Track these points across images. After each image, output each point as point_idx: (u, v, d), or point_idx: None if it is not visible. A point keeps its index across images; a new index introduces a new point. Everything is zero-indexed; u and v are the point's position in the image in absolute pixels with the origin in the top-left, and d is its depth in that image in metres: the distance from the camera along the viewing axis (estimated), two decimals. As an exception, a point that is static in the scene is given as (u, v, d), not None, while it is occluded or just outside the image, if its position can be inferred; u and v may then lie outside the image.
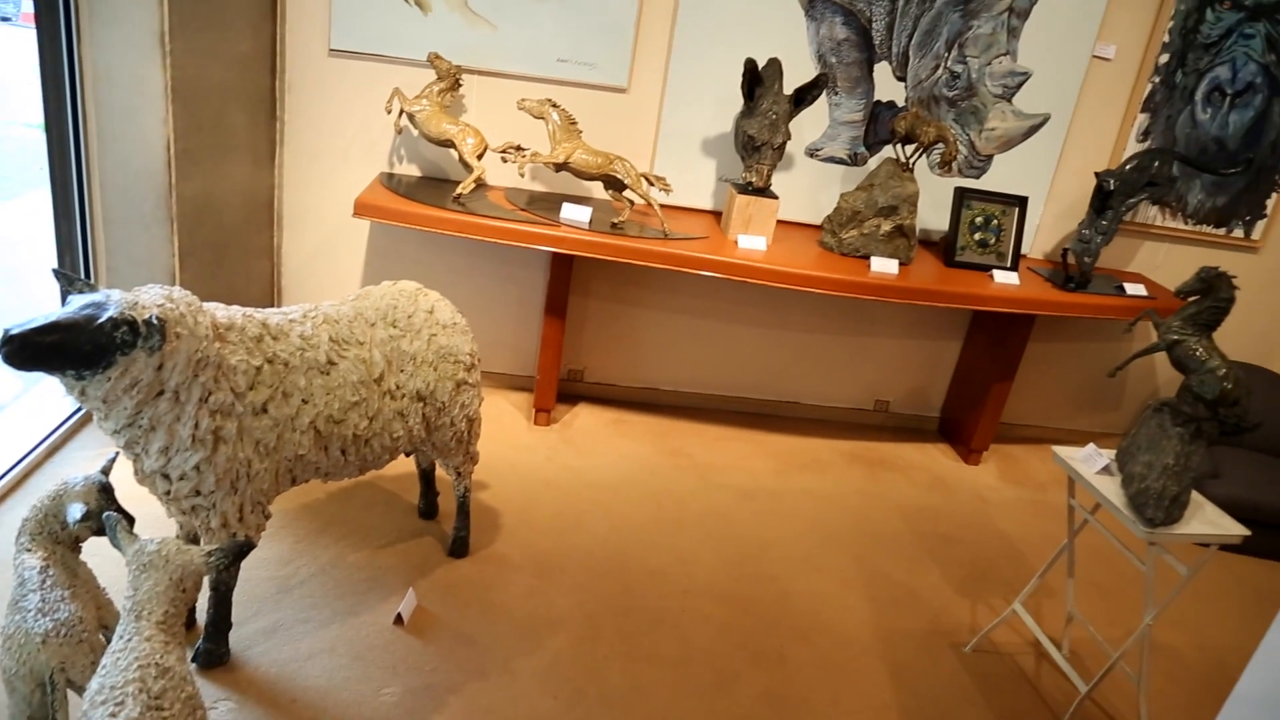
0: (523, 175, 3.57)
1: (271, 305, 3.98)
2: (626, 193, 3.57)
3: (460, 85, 3.63)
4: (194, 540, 2.48)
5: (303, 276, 4.02)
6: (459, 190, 3.54)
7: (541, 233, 3.46)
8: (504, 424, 3.97)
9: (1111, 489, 2.61)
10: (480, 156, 3.57)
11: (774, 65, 3.55)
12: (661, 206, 3.67)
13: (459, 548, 3.06)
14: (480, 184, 3.66)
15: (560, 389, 4.19)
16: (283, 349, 2.34)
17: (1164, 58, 4.08)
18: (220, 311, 2.27)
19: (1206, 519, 2.57)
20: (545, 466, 3.71)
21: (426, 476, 3.21)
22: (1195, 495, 2.64)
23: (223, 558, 1.88)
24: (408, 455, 2.90)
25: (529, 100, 3.52)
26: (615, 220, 3.56)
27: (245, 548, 1.98)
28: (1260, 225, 4.51)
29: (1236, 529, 2.55)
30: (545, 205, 3.70)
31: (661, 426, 4.20)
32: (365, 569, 2.95)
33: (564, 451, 3.85)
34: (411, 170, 3.88)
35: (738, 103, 3.66)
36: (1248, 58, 4.12)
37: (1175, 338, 2.51)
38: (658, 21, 3.74)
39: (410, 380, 2.59)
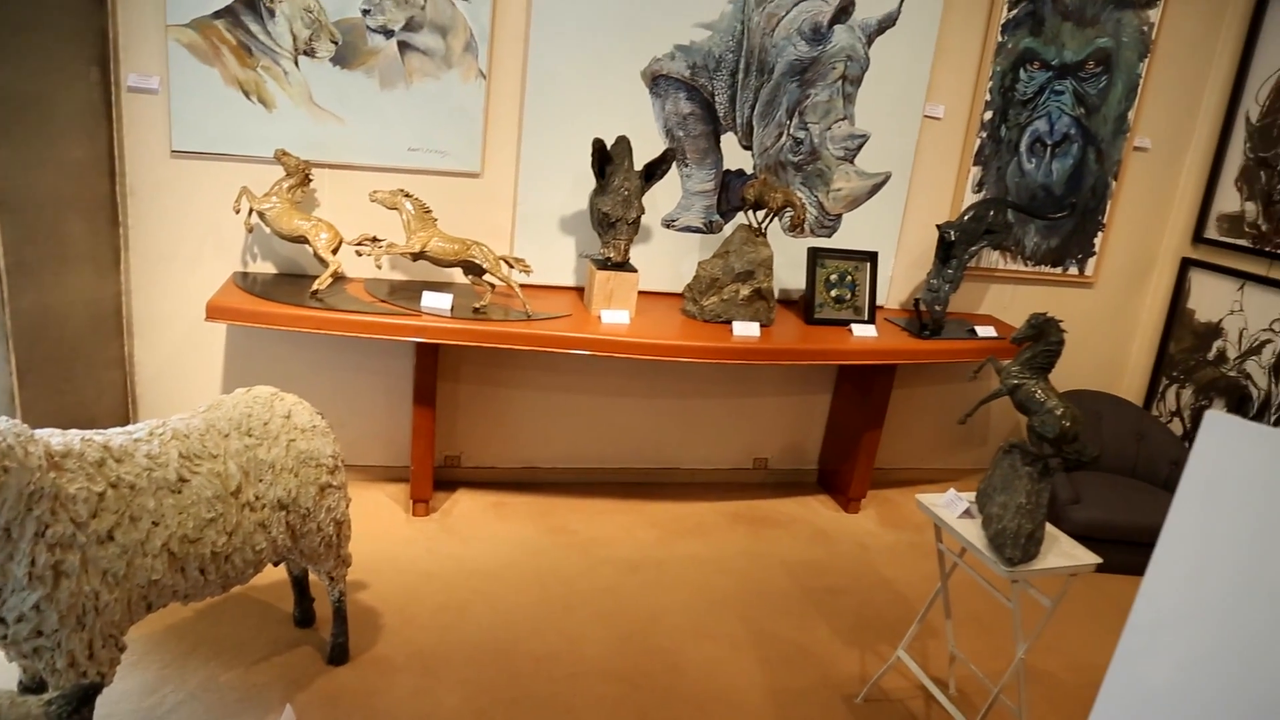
0: (379, 267, 3.54)
1: (126, 417, 3.81)
2: (486, 277, 3.57)
3: (310, 180, 3.60)
4: (41, 685, 2.32)
5: (159, 385, 3.87)
6: (316, 286, 3.48)
7: (403, 323, 3.43)
8: (381, 518, 3.87)
9: (973, 531, 2.70)
10: (335, 251, 3.53)
11: (623, 143, 3.64)
12: (523, 287, 3.68)
13: (338, 654, 2.95)
14: (338, 278, 3.61)
15: (438, 476, 4.12)
16: (128, 471, 2.24)
17: (988, 114, 4.36)
18: (56, 439, 2.16)
19: (1062, 551, 2.69)
20: (426, 558, 3.62)
21: (299, 583, 3.10)
22: (1050, 528, 2.76)
23: (65, 705, 1.76)
24: (276, 565, 2.79)
25: (381, 192, 3.50)
26: (477, 305, 3.56)
27: (92, 690, 1.86)
28: (1091, 262, 4.82)
29: (1090, 558, 2.67)
30: (406, 294, 3.67)
31: (543, 505, 4.17)
32: (239, 689, 2.80)
33: (445, 541, 3.77)
34: (267, 268, 3.80)
35: (592, 180, 3.72)
36: (1061, 111, 4.45)
37: (1015, 382, 2.64)
38: (505, 106, 3.80)
39: (270, 489, 2.51)
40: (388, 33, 3.60)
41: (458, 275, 3.79)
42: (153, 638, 2.97)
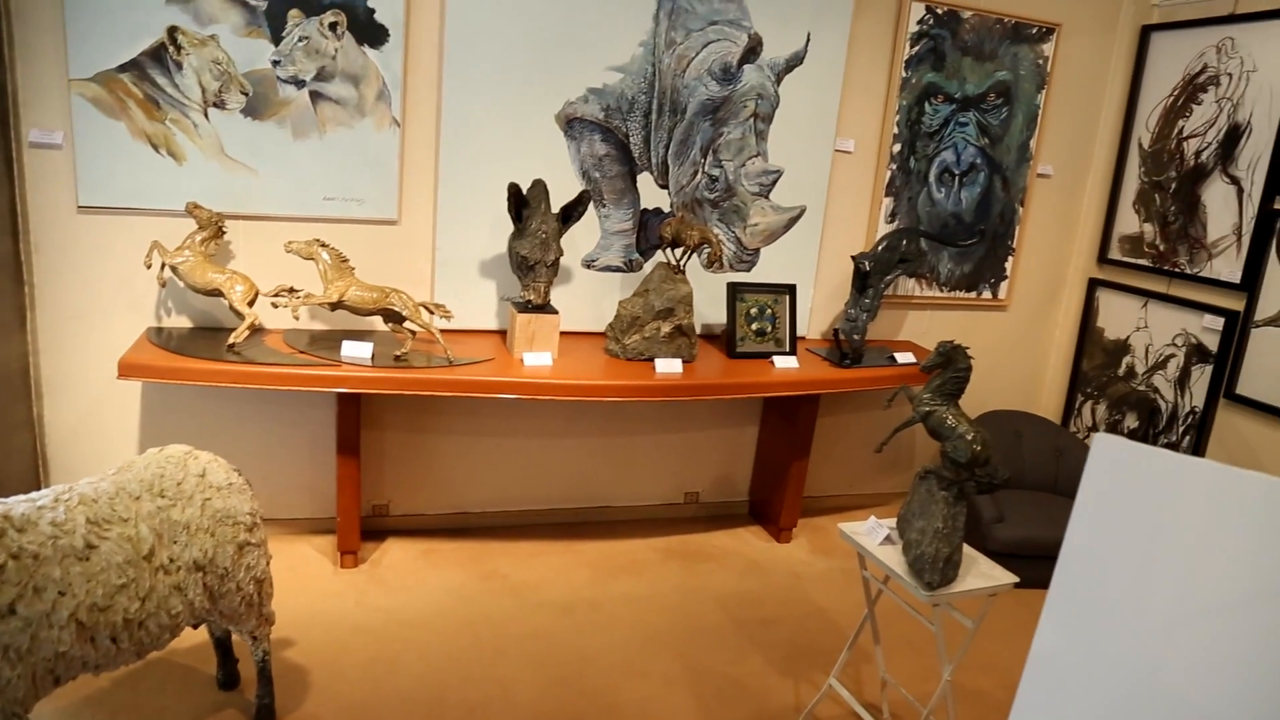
0: (297, 318, 3.50)
1: (37, 481, 3.69)
2: (406, 324, 3.56)
3: (224, 232, 3.55)
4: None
5: (71, 447, 3.76)
6: (233, 339, 3.43)
7: (324, 374, 3.39)
8: (307, 572, 3.80)
9: (894, 557, 2.75)
10: (252, 303, 3.48)
11: (539, 186, 3.67)
12: (445, 332, 3.68)
13: (264, 716, 2.87)
14: (256, 330, 3.56)
15: (366, 526, 4.06)
16: (31, 540, 2.17)
17: (897, 147, 4.49)
18: (-49, 510, 2.09)
19: (981, 572, 2.76)
20: (355, 611, 3.56)
21: (222, 644, 3.02)
22: (969, 550, 2.83)
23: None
24: (195, 627, 2.72)
25: (296, 242, 3.48)
26: (398, 353, 3.54)
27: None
28: (1004, 286, 4.97)
29: (1007, 578, 2.74)
30: (327, 344, 3.63)
31: (475, 551, 4.13)
32: (158, 759, 2.72)
33: (374, 592, 3.71)
34: (182, 322, 3.74)
35: (510, 223, 3.74)
36: (966, 142, 4.60)
37: (927, 409, 2.71)
38: (421, 152, 3.81)
39: (185, 551, 2.45)
40: (299, 83, 3.59)
41: (378, 323, 3.77)
42: (68, 710, 2.86)
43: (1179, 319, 4.56)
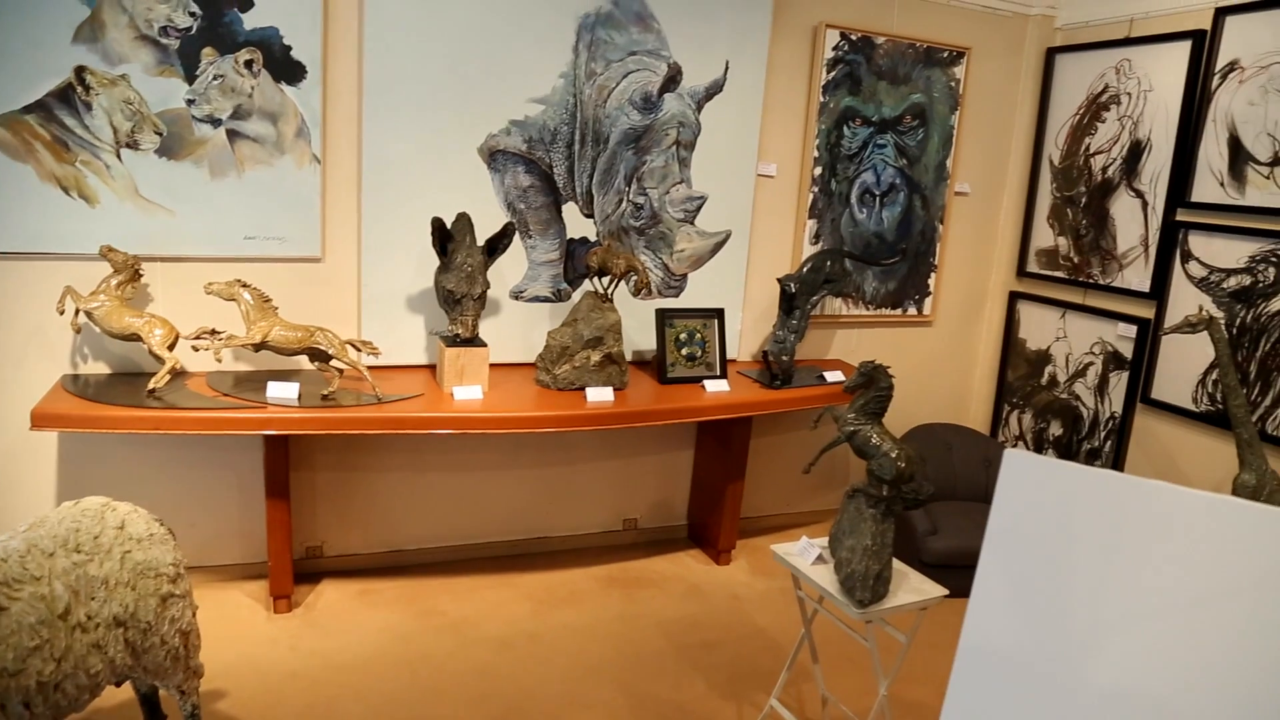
0: (219, 360, 3.43)
1: (-52, 539, 3.55)
2: (333, 362, 3.52)
3: (141, 275, 3.48)
4: None
5: (-17, 501, 3.63)
6: (153, 384, 3.36)
7: (249, 417, 3.33)
8: (239, 619, 3.71)
9: (826, 576, 2.78)
10: (172, 346, 3.41)
11: (463, 219, 3.66)
12: (373, 369, 3.64)
13: (195, 772, 2.79)
14: (177, 374, 3.49)
15: (299, 569, 3.99)
16: (-64, 604, 2.09)
17: (818, 170, 4.58)
18: None
19: (911, 587, 2.80)
20: (289, 657, 3.48)
21: (148, 701, 2.92)
22: (899, 565, 2.87)
23: None
24: (118, 685, 2.64)
25: (217, 283, 3.42)
26: (326, 392, 3.49)
27: None
28: (928, 302, 5.09)
29: (937, 590, 2.79)
30: (252, 385, 3.57)
31: (412, 589, 4.07)
32: (83, 824, 2.62)
33: (309, 636, 3.63)
34: (99, 369, 3.64)
35: (436, 258, 3.72)
36: (885, 163, 4.72)
37: (852, 429, 2.75)
38: (343, 189, 3.78)
39: (104, 607, 2.38)
40: (215, 122, 3.54)
41: (305, 363, 3.71)
42: (-16, 779, 2.75)
43: (1095, 328, 4.70)
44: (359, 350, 3.58)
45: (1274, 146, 3.85)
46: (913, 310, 5.06)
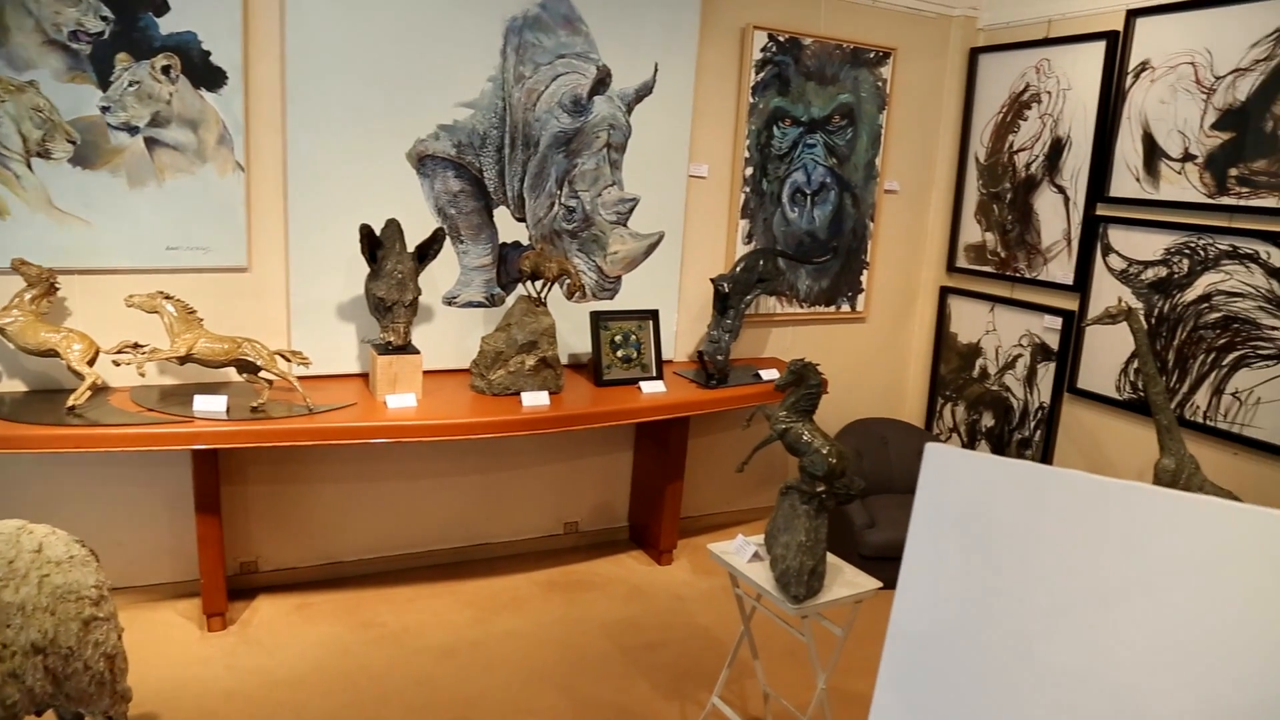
0: (143, 375, 3.35)
1: None
2: (262, 373, 3.45)
3: (57, 289, 3.38)
4: None
5: (-104, 527, 3.49)
6: (72, 401, 3.26)
7: (176, 432, 3.25)
8: (171, 640, 3.62)
9: (762, 574, 2.81)
10: (92, 361, 3.32)
11: (393, 226, 3.62)
12: (305, 379, 3.58)
13: (125, 799, 2.72)
14: (98, 389, 3.39)
15: (233, 585, 3.90)
16: None
17: (749, 170, 4.62)
18: None
19: (846, 581, 2.84)
20: (225, 676, 3.41)
21: (74, 727, 2.84)
22: (834, 560, 2.91)
23: None
24: (39, 715, 2.56)
25: (138, 295, 3.33)
26: (255, 404, 3.43)
27: None
28: (861, 298, 5.16)
29: (871, 583, 2.83)
30: (179, 399, 3.49)
31: (351, 600, 4.01)
32: None
33: (245, 654, 3.56)
34: (15, 387, 3.52)
35: (366, 265, 3.68)
36: (815, 163, 4.78)
37: (783, 426, 2.78)
38: (269, 197, 3.71)
39: (21, 634, 2.30)
40: (132, 129, 3.45)
41: (233, 374, 3.64)
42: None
43: (1023, 321, 4.81)
44: (289, 360, 3.52)
45: (1184, 143, 3.98)
46: (846, 307, 5.13)
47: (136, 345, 3.35)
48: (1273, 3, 3.65)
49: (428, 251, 3.71)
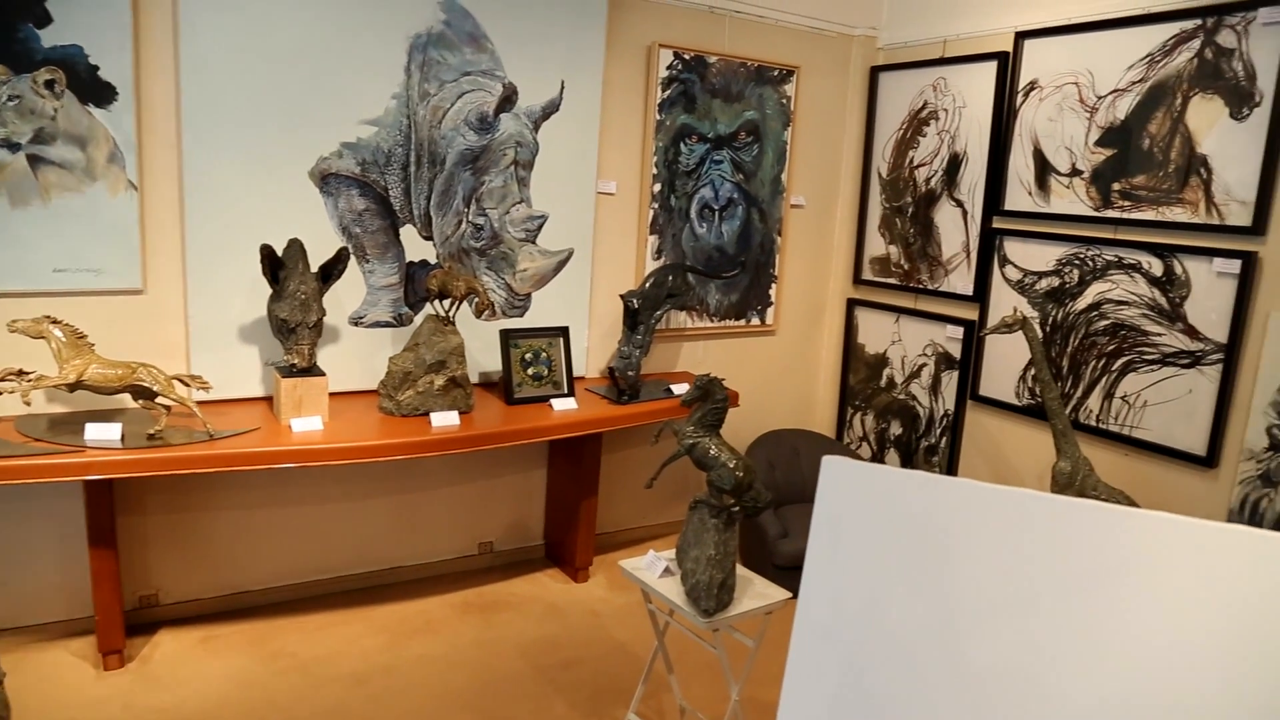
0: (28, 403, 3.20)
1: None
2: (159, 399, 3.34)
3: (-66, 315, 3.22)
4: None
5: None
6: (-48, 433, 3.11)
7: (66, 463, 3.12)
8: (64, 682, 3.46)
9: (674, 588, 2.82)
10: (-28, 391, 3.17)
11: (295, 246, 3.55)
12: (205, 404, 3.48)
13: None
14: (-20, 420, 3.24)
15: (131, 620, 3.76)
16: None
17: (657, 186, 4.66)
18: None
19: (756, 592, 2.87)
20: (122, 717, 3.27)
21: (-44, 778, 2.70)
22: (744, 572, 2.94)
23: None
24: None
25: (22, 321, 3.18)
26: (152, 431, 3.31)
27: None
28: (770, 311, 5.24)
29: (780, 594, 2.87)
30: (69, 428, 3.35)
31: (258, 631, 3.90)
32: None
33: (145, 693, 3.42)
34: (-111, 419, 3.35)
35: (268, 286, 3.59)
36: (723, 179, 4.84)
37: (690, 442, 2.81)
38: (164, 216, 3.60)
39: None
40: (13, 146, 3.31)
41: (129, 401, 3.51)
42: None
43: (927, 331, 4.95)
44: (188, 385, 3.41)
45: (1071, 159, 4.15)
46: (756, 320, 5.20)
47: (21, 372, 3.21)
48: (1146, 28, 3.84)
49: (332, 271, 3.64)
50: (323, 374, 3.65)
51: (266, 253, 3.46)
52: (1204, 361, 3.73)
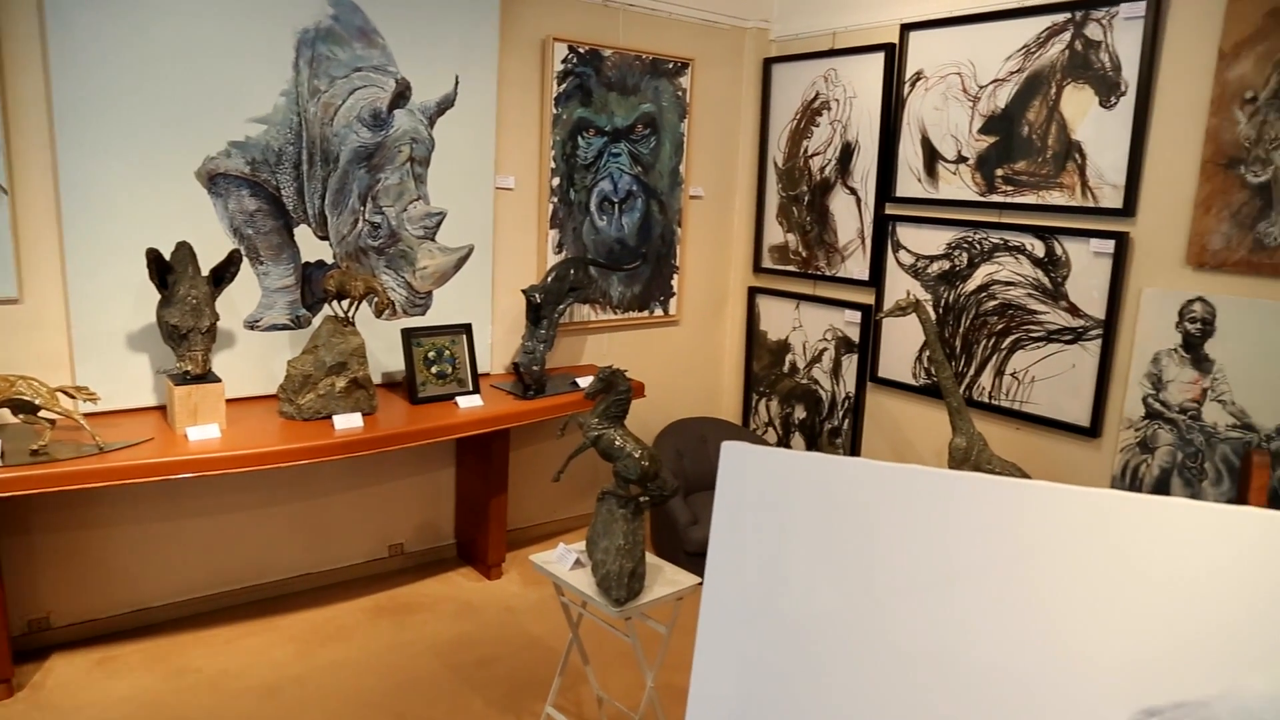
0: (-102, 423, 3.05)
1: None
2: (42, 413, 3.20)
3: None
4: None
5: None
6: None
7: (-60, 482, 2.97)
8: (-51, 712, 3.30)
9: (585, 580, 2.84)
10: None
11: (184, 249, 3.44)
12: (94, 416, 3.35)
13: None
14: None
15: (20, 647, 3.60)
16: None
17: (556, 180, 4.65)
18: None
19: (666, 580, 2.91)
20: (15, 746, 3.15)
21: None
22: (654, 560, 2.98)
23: None
24: None
25: (-112, 336, 3.03)
26: (35, 446, 3.17)
27: None
28: (673, 302, 5.30)
29: (690, 580, 2.91)
30: (-56, 447, 3.19)
31: (160, 649, 3.77)
32: None
33: None
34: None
35: (157, 292, 3.47)
36: (621, 171, 4.87)
37: (595, 434, 2.83)
38: (40, 222, 3.45)
39: None
40: (-128, 155, 3.13)
41: (8, 416, 3.35)
42: None
43: (826, 316, 5.07)
44: (73, 397, 3.27)
45: (957, 146, 4.30)
46: (659, 311, 5.25)
47: (-110, 391, 3.04)
48: (1021, 20, 4.01)
49: (224, 274, 3.54)
50: (218, 380, 3.55)
51: (153, 256, 3.34)
52: (1085, 337, 3.92)
